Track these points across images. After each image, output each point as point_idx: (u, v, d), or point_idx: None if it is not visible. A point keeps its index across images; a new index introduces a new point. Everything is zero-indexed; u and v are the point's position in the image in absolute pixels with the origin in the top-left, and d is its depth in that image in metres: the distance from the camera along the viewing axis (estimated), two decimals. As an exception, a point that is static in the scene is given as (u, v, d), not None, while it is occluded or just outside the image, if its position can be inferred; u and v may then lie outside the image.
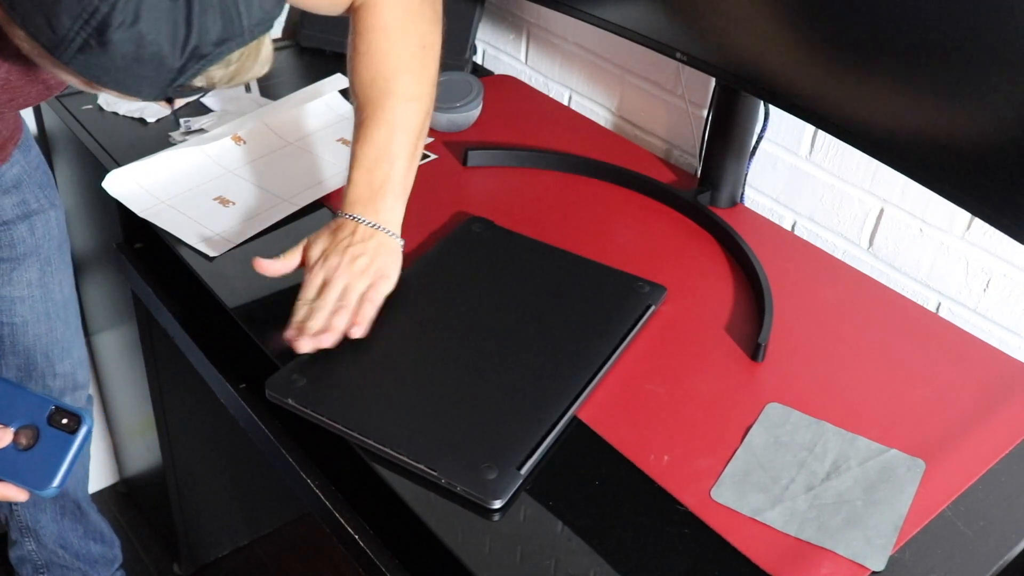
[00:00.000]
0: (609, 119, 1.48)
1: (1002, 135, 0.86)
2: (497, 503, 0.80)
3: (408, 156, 1.01)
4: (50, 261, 1.24)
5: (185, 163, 1.21)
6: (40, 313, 1.25)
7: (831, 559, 0.78)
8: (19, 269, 1.20)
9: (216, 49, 0.70)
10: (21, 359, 1.26)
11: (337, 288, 0.94)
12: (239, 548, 1.77)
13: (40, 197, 1.21)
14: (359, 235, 0.97)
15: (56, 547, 1.42)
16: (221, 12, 0.69)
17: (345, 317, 0.93)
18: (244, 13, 0.70)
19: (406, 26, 1.02)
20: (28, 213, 1.19)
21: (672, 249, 1.15)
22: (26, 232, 1.19)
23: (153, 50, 0.67)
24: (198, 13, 0.67)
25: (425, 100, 1.03)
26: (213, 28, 0.69)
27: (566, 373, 0.92)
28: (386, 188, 0.99)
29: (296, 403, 0.89)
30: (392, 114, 1.00)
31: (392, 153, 1.00)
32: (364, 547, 0.85)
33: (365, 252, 0.96)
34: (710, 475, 0.85)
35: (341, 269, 0.94)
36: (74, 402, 1.35)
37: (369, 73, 1.01)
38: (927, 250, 1.13)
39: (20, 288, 1.21)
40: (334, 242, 0.97)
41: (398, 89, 1.01)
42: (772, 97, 1.09)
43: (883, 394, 0.95)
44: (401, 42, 1.02)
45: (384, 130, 1.00)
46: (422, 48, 1.03)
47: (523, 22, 1.57)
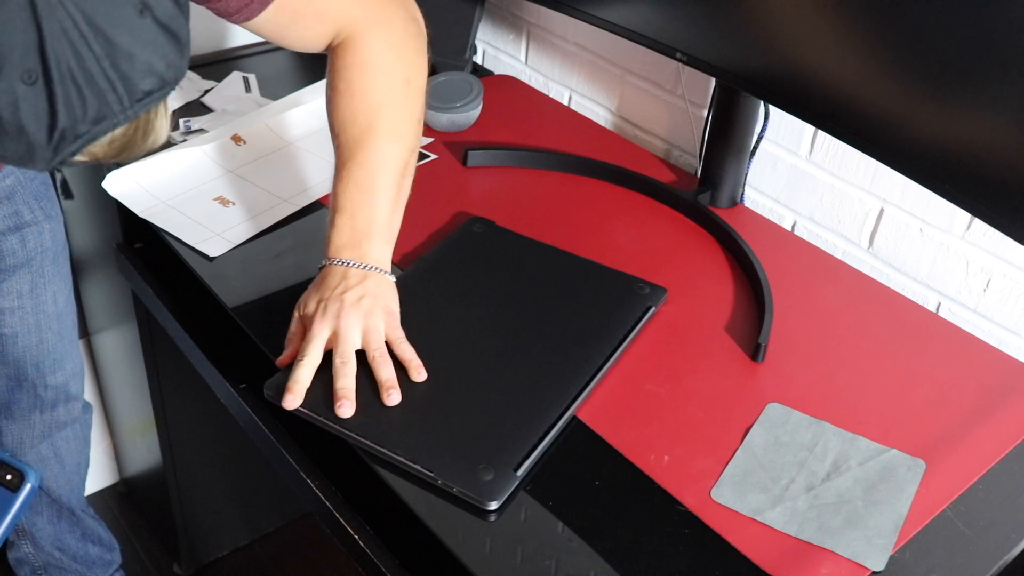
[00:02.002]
0: (609, 119, 1.48)
1: (1002, 135, 0.86)
2: (493, 504, 0.80)
3: (393, 197, 0.96)
4: (43, 273, 1.22)
5: (185, 163, 1.21)
6: (31, 325, 1.24)
7: (831, 559, 0.78)
8: (9, 281, 1.19)
9: (93, 128, 0.66)
10: (11, 370, 1.26)
11: (353, 336, 0.89)
12: (239, 548, 1.77)
13: (35, 208, 1.19)
14: (353, 278, 0.92)
15: (53, 549, 1.42)
16: (94, 93, 0.65)
17: (389, 366, 0.89)
18: (123, 93, 0.66)
19: (388, 62, 0.98)
20: (20, 225, 1.17)
21: (672, 249, 1.15)
22: (16, 244, 1.18)
23: (16, 131, 0.64)
24: (61, 96, 0.63)
25: (409, 138, 0.99)
26: (85, 109, 0.65)
27: (565, 375, 0.92)
28: (372, 231, 0.94)
29: (296, 403, 0.89)
30: (375, 154, 0.96)
31: (376, 195, 0.95)
32: (364, 547, 0.85)
33: (365, 292, 0.91)
34: (710, 475, 0.85)
35: (347, 314, 0.89)
36: (67, 413, 1.35)
37: (350, 111, 0.97)
38: (927, 250, 1.13)
39: (10, 299, 1.20)
40: (327, 290, 0.91)
41: (381, 128, 0.96)
42: (772, 97, 1.09)
43: (883, 394, 0.95)
44: (383, 78, 0.98)
45: (367, 171, 0.95)
46: (406, 84, 0.99)
47: (523, 22, 1.57)
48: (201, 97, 1.40)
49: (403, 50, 0.99)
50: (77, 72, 0.63)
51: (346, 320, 0.89)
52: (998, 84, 0.84)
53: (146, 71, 0.67)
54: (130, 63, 0.66)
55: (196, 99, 1.40)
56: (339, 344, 0.89)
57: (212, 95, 1.41)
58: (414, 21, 1.01)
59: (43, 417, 1.32)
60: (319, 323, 0.90)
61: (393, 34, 0.98)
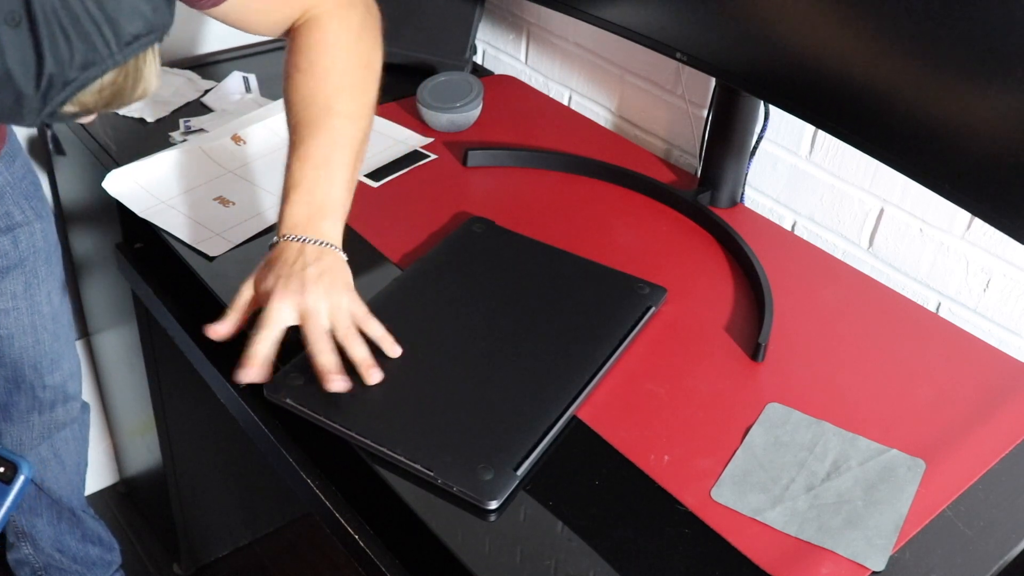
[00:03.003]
0: (609, 119, 1.48)
1: (1002, 135, 0.86)
2: (493, 504, 0.80)
3: (348, 177, 0.96)
4: (36, 273, 1.22)
5: (185, 163, 1.21)
6: (26, 326, 1.23)
7: (831, 559, 0.78)
8: (2, 282, 1.18)
9: (82, 74, 0.65)
10: (8, 371, 1.25)
11: (321, 312, 0.88)
12: (239, 548, 1.77)
13: (25, 208, 1.18)
14: (310, 254, 0.90)
15: (53, 551, 1.42)
16: (80, 35, 0.64)
17: (362, 344, 0.89)
18: (110, 36, 0.65)
19: (350, 45, 0.99)
20: (12, 226, 1.17)
21: (672, 249, 1.15)
22: (9, 245, 1.17)
23: (4, 78, 0.63)
24: (47, 39, 0.62)
25: (365, 119, 0.99)
26: (72, 52, 0.64)
27: (565, 374, 0.92)
28: (328, 208, 0.94)
29: (293, 402, 0.89)
30: (334, 133, 0.96)
31: (332, 172, 0.95)
32: (364, 547, 0.85)
33: (325, 269, 0.90)
34: (710, 475, 0.85)
35: (311, 291, 0.88)
36: (66, 414, 1.34)
37: (309, 90, 0.97)
38: (927, 250, 1.13)
39: (4, 301, 1.20)
40: (284, 267, 0.90)
41: (340, 107, 0.97)
42: (772, 97, 1.09)
43: (883, 394, 0.95)
44: (345, 60, 0.99)
45: (325, 149, 0.95)
46: (365, 68, 1.00)
47: (523, 22, 1.57)
48: (201, 97, 1.40)
49: (363, 35, 1.01)
50: (62, 13, 0.63)
51: (312, 296, 0.88)
52: (999, 83, 0.84)
53: (132, 13, 0.66)
54: (116, 4, 0.65)
55: (196, 99, 1.40)
56: (309, 321, 0.88)
57: (212, 95, 1.41)
58: (371, 11, 1.03)
59: (42, 418, 1.32)
60: (280, 299, 0.88)
61: (354, 19, 1.00)
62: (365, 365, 0.88)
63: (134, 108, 1.35)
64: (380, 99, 1.45)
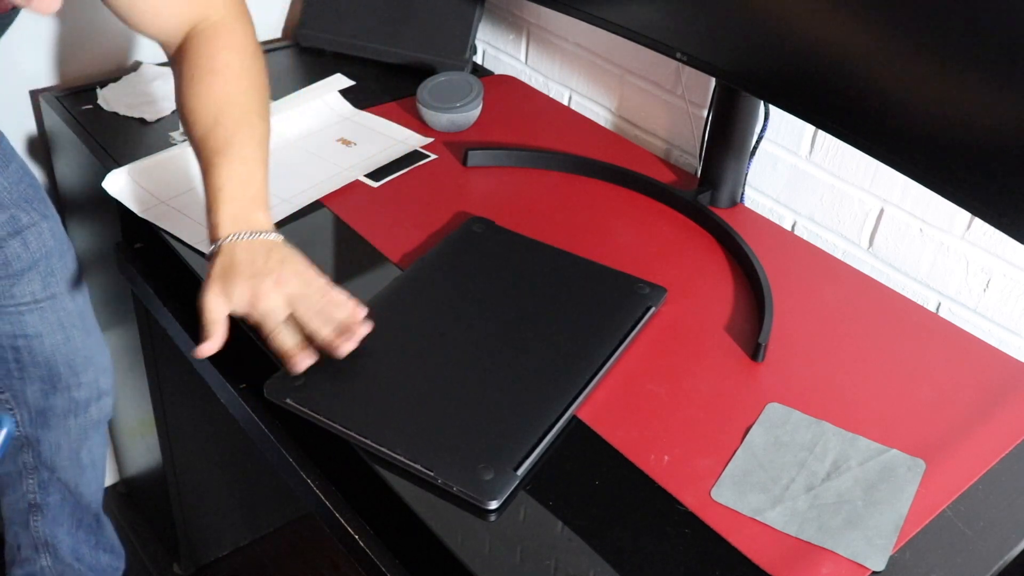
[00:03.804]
0: (609, 119, 1.48)
1: (1002, 135, 0.86)
2: (493, 504, 0.80)
3: (266, 171, 1.00)
4: (52, 272, 1.22)
5: (185, 163, 1.21)
6: (53, 323, 1.23)
7: (831, 559, 0.78)
8: (19, 284, 1.19)
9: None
10: (43, 371, 1.25)
11: (311, 299, 0.92)
12: (239, 548, 1.77)
13: (29, 211, 1.18)
14: (264, 249, 0.93)
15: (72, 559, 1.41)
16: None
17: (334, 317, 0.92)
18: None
19: (256, 50, 1.06)
20: (19, 228, 1.17)
21: (672, 249, 1.15)
22: (20, 248, 1.17)
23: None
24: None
25: (269, 117, 1.04)
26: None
27: (565, 374, 0.92)
28: (258, 200, 0.97)
29: (294, 403, 0.89)
30: (253, 130, 1.00)
31: (259, 169, 0.98)
32: (364, 547, 0.85)
33: (285, 257, 0.93)
34: (710, 475, 0.85)
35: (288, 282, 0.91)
36: (99, 411, 1.34)
37: (226, 93, 1.00)
38: (927, 250, 1.13)
39: (25, 301, 1.20)
40: (249, 268, 0.91)
41: (256, 107, 1.01)
42: (772, 97, 1.09)
43: (883, 394, 0.95)
44: (252, 63, 1.04)
45: (249, 147, 0.98)
46: (264, 70, 1.06)
47: (523, 22, 1.57)
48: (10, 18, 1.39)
49: (257, 42, 1.07)
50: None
51: (289, 288, 0.91)
52: (999, 83, 0.84)
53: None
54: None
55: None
56: (300, 308, 0.91)
57: (212, 95, 1.41)
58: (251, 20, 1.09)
59: (78, 421, 1.31)
60: (267, 300, 0.90)
61: (250, 26, 1.06)
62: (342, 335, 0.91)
63: (134, 108, 1.35)
64: (380, 99, 1.45)
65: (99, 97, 1.38)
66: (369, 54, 1.54)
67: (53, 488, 1.33)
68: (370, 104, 1.41)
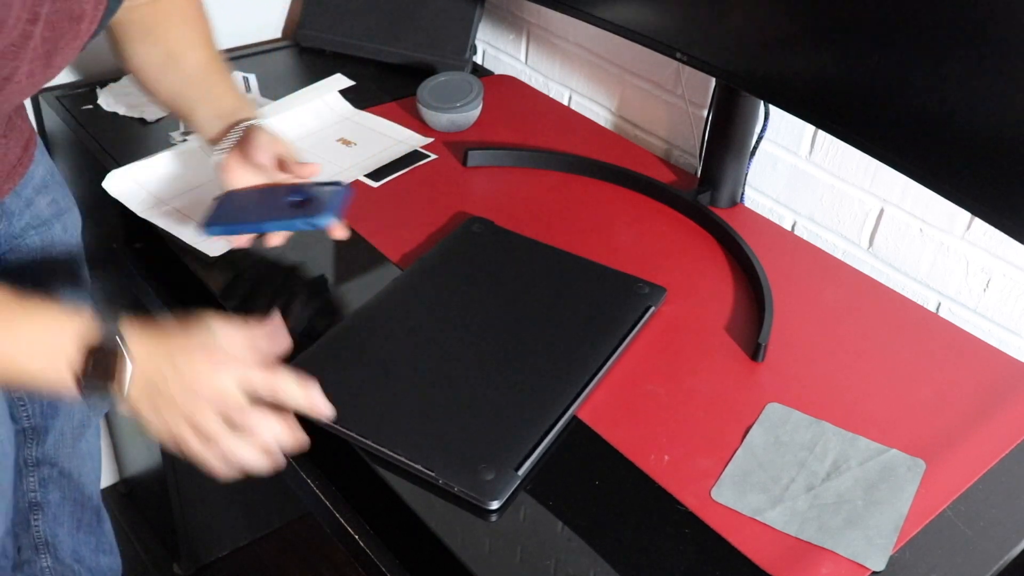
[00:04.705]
0: (609, 119, 1.48)
1: (1002, 135, 0.86)
2: (494, 504, 0.80)
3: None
4: (76, 260, 1.23)
5: (185, 163, 1.21)
6: None
7: (831, 559, 0.78)
8: (56, 270, 1.19)
9: None
10: None
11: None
12: (239, 548, 1.77)
13: (65, 195, 1.20)
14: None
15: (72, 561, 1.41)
16: None
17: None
18: None
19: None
20: (60, 212, 1.18)
21: (672, 249, 1.15)
22: (60, 231, 1.18)
23: None
24: None
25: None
26: None
27: (565, 374, 0.92)
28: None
29: (296, 403, 0.89)
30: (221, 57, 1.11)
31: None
32: (364, 547, 0.85)
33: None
34: (710, 475, 0.85)
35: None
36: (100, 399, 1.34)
37: (199, 31, 1.10)
38: (927, 250, 1.13)
39: (56, 288, 1.20)
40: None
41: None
42: (772, 97, 1.09)
43: (883, 394, 0.95)
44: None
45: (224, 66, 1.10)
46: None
47: (523, 22, 1.57)
48: None
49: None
50: None
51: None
52: (999, 83, 0.84)
53: None
54: None
55: None
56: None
57: (212, 95, 1.41)
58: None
59: (80, 409, 1.31)
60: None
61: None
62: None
63: (134, 108, 1.35)
64: (380, 99, 1.45)
65: (99, 97, 1.38)
66: (369, 54, 1.54)
67: (53, 485, 1.33)
68: (370, 104, 1.41)
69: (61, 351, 0.77)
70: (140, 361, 0.78)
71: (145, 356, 0.79)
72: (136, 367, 0.78)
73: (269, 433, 0.79)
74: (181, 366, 0.78)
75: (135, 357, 0.78)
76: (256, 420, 0.78)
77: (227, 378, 0.78)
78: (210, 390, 0.78)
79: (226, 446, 0.78)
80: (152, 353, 0.79)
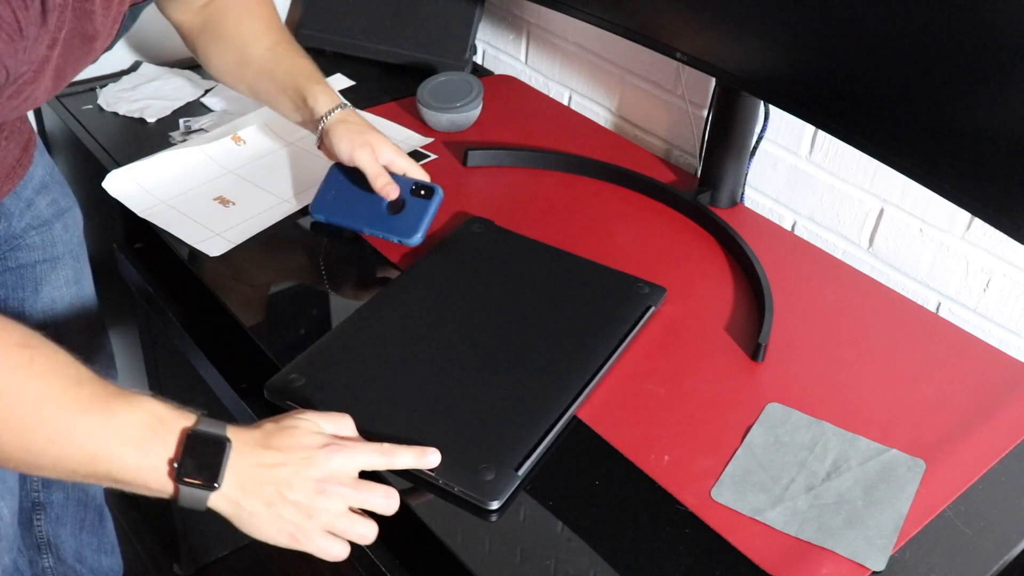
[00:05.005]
0: (609, 119, 1.48)
1: (1003, 135, 0.86)
2: (494, 504, 0.80)
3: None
4: (78, 258, 1.23)
5: (185, 163, 1.21)
6: (78, 310, 1.24)
7: (831, 559, 0.78)
8: (58, 268, 1.19)
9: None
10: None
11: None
12: (239, 548, 1.77)
13: (65, 195, 1.20)
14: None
15: (74, 562, 1.41)
16: None
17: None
18: None
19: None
20: (61, 211, 1.18)
21: (672, 249, 1.15)
22: (61, 230, 1.18)
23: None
24: None
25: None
26: None
27: (565, 374, 0.92)
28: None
29: (294, 403, 0.89)
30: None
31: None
32: (364, 547, 0.85)
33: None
34: (710, 475, 0.85)
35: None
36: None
37: (271, 18, 1.15)
38: (927, 250, 1.13)
39: (59, 287, 1.20)
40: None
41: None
42: (772, 97, 1.09)
43: (883, 394, 0.95)
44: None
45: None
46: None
47: (523, 22, 1.57)
48: (201, 97, 1.40)
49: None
50: None
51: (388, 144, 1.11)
52: (999, 83, 0.84)
53: None
54: None
55: (196, 99, 1.40)
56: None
57: (212, 95, 1.41)
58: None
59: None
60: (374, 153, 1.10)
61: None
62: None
63: (134, 108, 1.35)
64: (380, 99, 1.45)
65: (99, 97, 1.38)
66: (369, 54, 1.54)
67: (56, 486, 1.33)
68: (370, 104, 1.41)
69: (160, 441, 0.72)
70: (240, 445, 0.73)
71: (246, 439, 0.74)
72: (235, 452, 0.73)
73: (379, 501, 0.77)
74: (286, 449, 0.74)
75: (235, 443, 0.73)
76: (368, 491, 0.76)
77: (339, 455, 0.75)
78: (325, 470, 0.74)
79: (343, 525, 0.75)
80: (250, 438, 0.75)
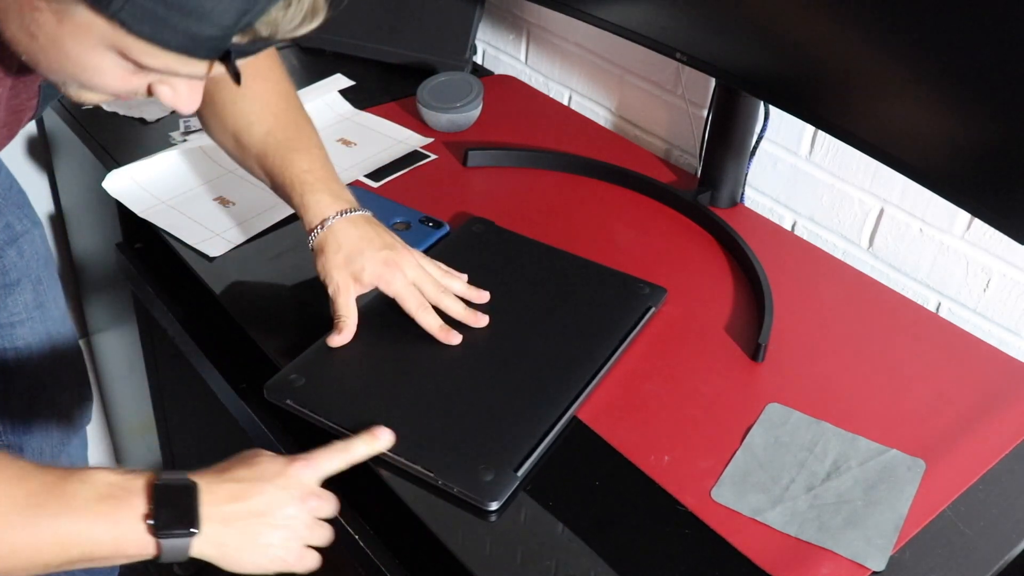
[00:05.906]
0: (609, 119, 1.48)
1: (1002, 135, 0.86)
2: (494, 505, 0.80)
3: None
4: (41, 280, 1.22)
5: (185, 163, 1.21)
6: (41, 334, 1.23)
7: (831, 559, 0.78)
8: (13, 294, 1.18)
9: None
10: (29, 380, 1.24)
11: (427, 281, 0.95)
12: (239, 548, 1.77)
13: (21, 217, 1.18)
14: (369, 225, 0.95)
15: None
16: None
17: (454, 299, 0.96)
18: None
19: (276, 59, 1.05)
20: (15, 236, 1.16)
21: (672, 249, 1.15)
22: (16, 256, 1.17)
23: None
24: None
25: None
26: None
27: (565, 375, 0.92)
28: (338, 179, 1.00)
29: (294, 403, 0.89)
30: (311, 124, 1.04)
31: (328, 155, 1.02)
32: (364, 547, 0.85)
33: (385, 230, 0.97)
34: (710, 475, 0.85)
35: (407, 257, 0.94)
36: (80, 416, 1.33)
37: (280, 89, 1.03)
38: (927, 250, 1.13)
39: (17, 313, 1.19)
40: (368, 247, 0.94)
41: (299, 103, 1.04)
42: (772, 97, 1.09)
43: (883, 394, 0.95)
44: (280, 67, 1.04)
45: (317, 136, 1.03)
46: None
47: (523, 22, 1.57)
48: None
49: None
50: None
51: (410, 266, 0.94)
52: (999, 83, 0.84)
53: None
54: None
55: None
56: (426, 285, 0.95)
57: (212, 95, 1.41)
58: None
59: (60, 426, 1.31)
60: (409, 270, 0.94)
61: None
62: (466, 317, 0.96)
63: (134, 108, 1.35)
64: (380, 99, 1.46)
65: (99, 97, 1.38)
66: (369, 54, 1.54)
67: None
68: (370, 104, 1.41)
69: (126, 505, 0.71)
70: (207, 485, 0.75)
71: (211, 479, 0.77)
72: (204, 492, 0.74)
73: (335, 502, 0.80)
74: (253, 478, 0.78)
75: (201, 484, 0.75)
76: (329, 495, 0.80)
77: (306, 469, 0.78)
78: (300, 486, 0.77)
79: (320, 535, 0.79)
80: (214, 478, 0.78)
